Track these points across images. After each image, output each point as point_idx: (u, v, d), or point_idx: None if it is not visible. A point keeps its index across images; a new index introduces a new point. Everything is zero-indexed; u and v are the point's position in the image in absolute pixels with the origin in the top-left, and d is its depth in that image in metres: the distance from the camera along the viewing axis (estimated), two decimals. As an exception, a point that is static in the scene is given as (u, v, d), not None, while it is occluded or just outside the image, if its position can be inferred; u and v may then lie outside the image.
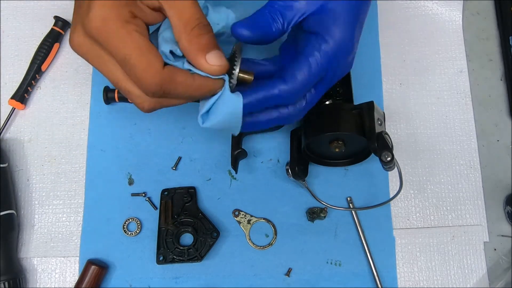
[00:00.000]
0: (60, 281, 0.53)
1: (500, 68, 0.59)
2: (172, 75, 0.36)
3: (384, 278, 0.52)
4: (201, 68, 0.37)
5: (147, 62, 0.35)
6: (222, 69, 0.38)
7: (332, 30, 0.40)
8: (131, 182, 0.55)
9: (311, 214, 0.53)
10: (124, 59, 0.34)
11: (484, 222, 0.54)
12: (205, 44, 0.37)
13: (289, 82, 0.40)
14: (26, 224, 0.54)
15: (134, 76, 0.35)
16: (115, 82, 0.37)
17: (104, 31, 0.34)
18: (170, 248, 0.51)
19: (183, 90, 0.37)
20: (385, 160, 0.43)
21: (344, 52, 0.41)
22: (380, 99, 0.57)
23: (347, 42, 0.41)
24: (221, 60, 0.37)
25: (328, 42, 0.40)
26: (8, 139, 0.57)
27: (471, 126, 0.57)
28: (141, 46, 0.35)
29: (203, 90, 0.38)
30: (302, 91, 0.41)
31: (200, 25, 0.37)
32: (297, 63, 0.41)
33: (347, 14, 0.40)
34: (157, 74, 0.35)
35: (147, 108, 0.39)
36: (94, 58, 0.37)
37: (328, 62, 0.41)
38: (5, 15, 0.61)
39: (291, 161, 0.52)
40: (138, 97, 0.38)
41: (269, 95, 0.40)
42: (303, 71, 0.40)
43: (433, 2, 0.61)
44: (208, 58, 0.37)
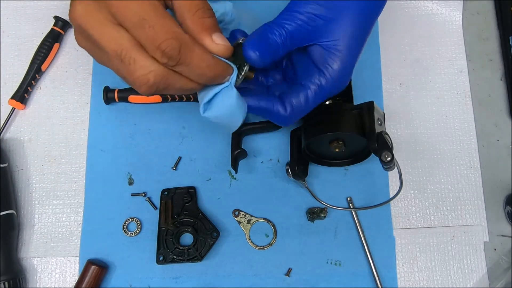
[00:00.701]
0: (60, 281, 0.53)
1: (500, 68, 0.59)
2: (191, 42, 0.35)
3: (384, 278, 0.52)
4: (206, 47, 0.37)
5: (168, 23, 0.34)
6: (227, 49, 0.38)
7: (333, 67, 0.42)
8: (131, 182, 0.55)
9: (311, 214, 0.53)
10: (142, 20, 0.33)
11: (484, 222, 0.54)
12: (210, 25, 0.37)
13: (287, 107, 0.43)
14: (26, 224, 0.54)
15: (150, 39, 0.33)
16: (119, 51, 0.35)
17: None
18: (170, 248, 0.51)
19: (198, 62, 0.36)
20: (385, 160, 0.43)
21: (339, 87, 0.44)
22: (380, 99, 0.57)
23: (345, 78, 0.43)
24: (225, 41, 0.38)
25: (327, 78, 0.42)
26: (8, 139, 0.57)
27: (471, 126, 0.57)
28: (160, 9, 0.34)
29: (216, 70, 0.37)
30: (297, 118, 0.44)
31: (204, 8, 0.37)
32: (296, 93, 0.43)
33: (351, 52, 0.42)
34: (179, 36, 0.34)
35: (153, 80, 0.35)
36: (97, 26, 0.35)
37: (324, 94, 0.43)
38: (5, 15, 0.61)
39: (291, 161, 0.52)
40: (144, 67, 0.35)
41: (270, 111, 0.44)
42: (301, 101, 0.43)
43: (433, 2, 0.61)
44: (214, 37, 0.37)
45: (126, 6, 0.33)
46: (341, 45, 0.41)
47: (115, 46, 0.35)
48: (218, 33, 0.38)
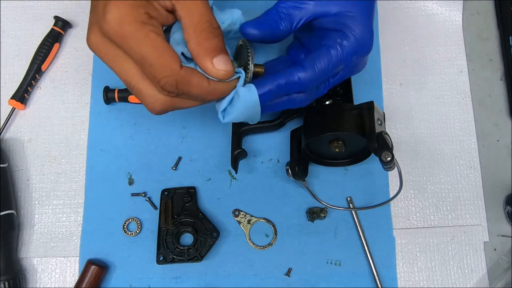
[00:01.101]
0: (60, 281, 0.53)
1: (500, 68, 0.59)
2: (188, 76, 0.37)
3: (384, 278, 0.52)
4: (207, 72, 0.38)
5: (164, 62, 0.35)
6: (227, 74, 0.38)
7: (353, 28, 0.41)
8: (131, 182, 0.55)
9: (311, 214, 0.53)
10: (142, 59, 0.35)
11: (484, 222, 0.54)
12: (213, 47, 0.37)
13: (308, 69, 0.41)
14: (26, 224, 0.54)
15: (151, 75, 0.36)
16: (128, 82, 0.38)
17: (121, 33, 0.35)
18: (170, 248, 0.51)
19: (198, 92, 0.38)
20: (385, 160, 0.43)
21: (364, 49, 0.43)
22: (380, 99, 0.57)
23: (367, 41, 0.42)
24: (227, 65, 0.38)
25: (349, 38, 0.41)
26: (8, 139, 0.57)
27: (471, 126, 0.57)
28: (158, 46, 0.35)
29: (216, 94, 0.39)
30: (319, 79, 0.42)
31: (210, 28, 0.37)
32: (318, 53, 0.42)
33: (363, 16, 0.42)
34: (174, 74, 0.36)
35: (159, 109, 0.39)
36: (110, 58, 0.37)
37: (348, 56, 0.42)
38: (5, 15, 0.61)
39: (291, 161, 0.52)
40: (150, 97, 0.38)
41: (290, 82, 0.41)
42: (324, 61, 0.41)
43: (433, 2, 0.61)
44: (214, 62, 0.38)
45: (128, 45, 0.35)
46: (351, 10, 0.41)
47: (125, 77, 0.38)
48: (220, 56, 0.38)
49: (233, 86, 0.40)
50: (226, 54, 0.38)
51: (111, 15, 0.34)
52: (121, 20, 0.34)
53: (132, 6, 0.35)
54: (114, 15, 0.34)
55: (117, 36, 0.35)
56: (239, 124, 0.54)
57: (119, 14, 0.34)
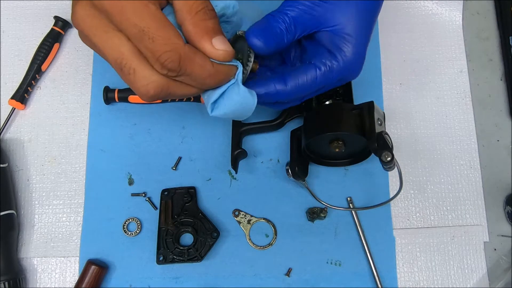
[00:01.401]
0: (60, 281, 0.53)
1: (500, 68, 0.59)
2: (192, 53, 0.35)
3: (384, 278, 0.52)
4: (206, 53, 0.36)
5: (168, 35, 0.33)
6: (227, 54, 0.36)
7: (345, 52, 0.40)
8: (131, 182, 0.55)
9: (311, 214, 0.53)
10: (141, 32, 0.32)
11: (484, 222, 0.54)
12: (210, 28, 0.35)
13: (289, 85, 0.41)
14: (26, 224, 0.54)
15: (150, 51, 0.33)
16: (119, 60, 0.34)
17: (119, 2, 0.32)
18: (170, 248, 0.51)
19: (200, 72, 0.35)
20: (385, 160, 0.43)
21: (350, 75, 0.42)
22: (380, 99, 0.57)
23: (356, 68, 0.42)
24: (226, 45, 0.36)
25: (339, 62, 0.41)
26: (8, 139, 0.57)
27: (471, 126, 0.57)
28: (160, 19, 0.33)
29: (218, 77, 0.37)
30: (299, 95, 0.42)
31: (205, 9, 0.35)
32: (304, 70, 0.41)
33: (361, 35, 0.41)
34: (177, 49, 0.33)
35: (153, 92, 0.35)
36: (99, 33, 0.34)
37: (333, 79, 0.42)
38: (5, 15, 0.61)
39: (291, 161, 0.52)
40: (144, 78, 0.34)
41: (268, 93, 0.41)
42: (307, 79, 0.41)
43: (433, 2, 0.61)
44: (214, 42, 0.35)
45: (125, 17, 0.32)
46: (350, 29, 0.40)
47: (116, 55, 0.34)
48: (218, 37, 0.36)
49: (234, 71, 0.38)
50: (223, 35, 0.36)
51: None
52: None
53: None
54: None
55: (113, 6, 0.32)
56: (239, 124, 0.54)
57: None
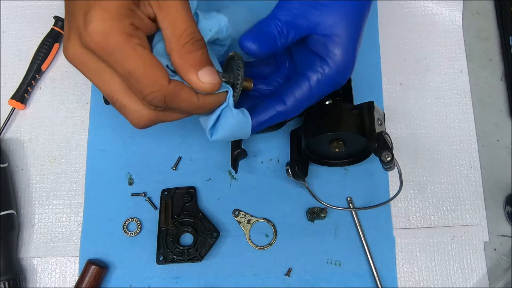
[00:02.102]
0: (60, 281, 0.53)
1: (500, 68, 0.59)
2: (177, 90, 0.36)
3: (384, 278, 0.52)
4: (192, 86, 0.36)
5: (152, 77, 0.34)
6: (214, 87, 0.37)
7: (336, 55, 0.41)
8: (131, 182, 0.55)
9: (311, 214, 0.53)
10: (128, 74, 0.33)
11: (484, 222, 0.54)
12: (197, 60, 0.36)
13: (288, 102, 0.42)
14: (26, 224, 0.54)
15: (137, 90, 0.34)
16: (110, 96, 0.36)
17: (106, 46, 0.32)
18: (170, 248, 0.51)
19: (186, 106, 0.37)
20: (385, 160, 0.43)
21: (344, 74, 0.42)
22: (380, 99, 0.57)
23: (348, 65, 0.42)
24: (213, 77, 0.36)
25: (331, 67, 0.41)
26: (8, 139, 0.57)
27: (471, 126, 0.57)
28: (146, 60, 0.34)
29: (205, 108, 0.38)
30: (301, 109, 0.43)
31: (193, 40, 0.36)
32: (298, 83, 0.42)
33: (350, 37, 0.41)
34: (162, 89, 0.34)
35: (143, 124, 0.37)
36: (89, 71, 0.36)
37: (327, 85, 0.42)
38: (5, 15, 0.61)
39: (291, 161, 0.52)
40: (134, 112, 0.36)
41: (271, 117, 0.42)
42: (303, 92, 0.42)
43: (433, 2, 0.61)
44: (200, 75, 0.36)
45: (112, 59, 0.33)
46: (340, 32, 0.40)
47: (107, 91, 0.36)
48: (205, 69, 0.36)
49: (222, 99, 0.39)
50: (211, 65, 0.37)
51: (94, 26, 0.32)
52: (106, 32, 0.32)
53: (117, 17, 0.32)
54: (98, 26, 0.32)
55: (100, 49, 0.33)
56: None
57: (103, 26, 0.32)
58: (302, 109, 0.43)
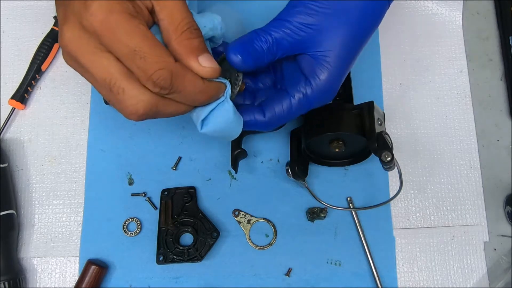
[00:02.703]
0: (60, 281, 0.53)
1: (500, 68, 0.59)
2: (183, 70, 0.35)
3: (384, 278, 0.52)
4: (193, 70, 0.36)
5: (159, 54, 0.34)
6: (214, 71, 0.37)
7: (321, 78, 0.41)
8: (131, 182, 0.55)
9: (311, 214, 0.53)
10: (132, 52, 0.33)
11: (484, 222, 0.54)
12: (196, 47, 0.36)
13: (267, 115, 0.42)
14: (26, 224, 0.54)
15: (141, 70, 0.33)
16: (108, 80, 0.34)
17: (110, 23, 0.32)
18: (170, 248, 0.51)
19: (191, 89, 0.36)
20: (385, 160, 0.43)
21: (324, 99, 0.42)
22: (380, 99, 0.57)
23: (330, 91, 0.42)
24: (212, 63, 0.37)
25: (313, 88, 0.41)
26: (8, 139, 0.57)
27: (471, 126, 0.57)
28: (151, 38, 0.34)
29: (209, 93, 0.38)
30: (279, 123, 0.43)
31: (191, 28, 0.36)
32: (279, 100, 0.42)
33: (340, 65, 0.41)
34: (169, 66, 0.34)
35: (142, 111, 0.35)
36: (86, 55, 0.34)
37: (308, 105, 0.42)
38: (5, 15, 0.61)
39: (291, 161, 0.52)
40: (134, 96, 0.35)
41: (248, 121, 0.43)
42: (283, 108, 0.42)
43: (433, 2, 0.61)
44: (200, 60, 0.36)
45: (116, 37, 0.33)
46: (331, 57, 0.40)
47: (105, 75, 0.34)
48: (205, 55, 0.37)
49: (223, 89, 0.39)
50: (209, 53, 0.37)
51: (96, 5, 0.32)
52: (109, 10, 0.32)
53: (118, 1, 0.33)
54: (101, 5, 0.32)
55: (103, 27, 0.32)
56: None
57: (106, 4, 0.32)
58: (280, 123, 0.43)
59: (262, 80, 0.48)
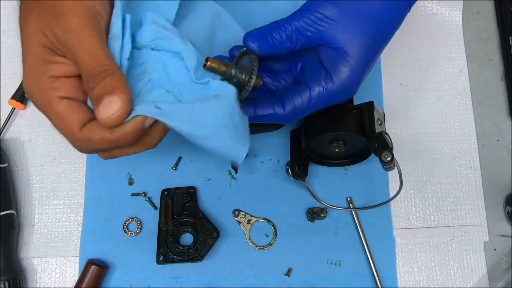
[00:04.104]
0: (60, 281, 0.53)
1: (500, 68, 0.59)
2: (88, 136, 0.34)
3: (384, 278, 0.52)
4: (101, 123, 0.34)
5: (63, 130, 0.35)
6: (117, 118, 0.33)
7: (342, 73, 0.41)
8: (131, 182, 0.55)
9: (311, 214, 0.53)
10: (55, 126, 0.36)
11: (484, 222, 0.54)
12: (98, 94, 0.33)
13: (287, 108, 0.42)
14: (26, 224, 0.54)
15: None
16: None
17: (33, 99, 0.36)
18: (170, 248, 0.51)
19: (107, 146, 0.35)
20: (385, 160, 0.43)
21: (345, 94, 0.42)
22: (380, 99, 0.57)
23: (352, 87, 0.42)
24: (111, 108, 0.33)
25: (334, 83, 0.41)
26: (8, 139, 0.57)
27: (471, 126, 0.57)
28: (59, 113, 0.35)
29: (124, 140, 0.35)
30: (297, 117, 0.43)
31: (94, 71, 0.33)
32: (299, 92, 0.42)
33: (361, 60, 0.41)
34: (75, 140, 0.35)
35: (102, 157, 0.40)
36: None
37: (327, 99, 0.42)
38: (5, 15, 0.61)
39: (291, 161, 0.52)
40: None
41: (268, 115, 0.42)
42: (302, 101, 0.42)
43: (433, 2, 0.61)
44: (100, 110, 0.33)
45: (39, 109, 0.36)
46: (352, 51, 0.40)
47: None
48: (104, 101, 0.33)
49: (139, 125, 0.35)
50: (116, 93, 0.33)
51: (24, 85, 0.36)
52: (29, 91, 0.35)
53: (35, 77, 0.35)
54: (25, 87, 0.36)
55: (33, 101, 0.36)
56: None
57: (26, 87, 0.35)
58: (299, 117, 0.43)
59: (284, 78, 0.47)
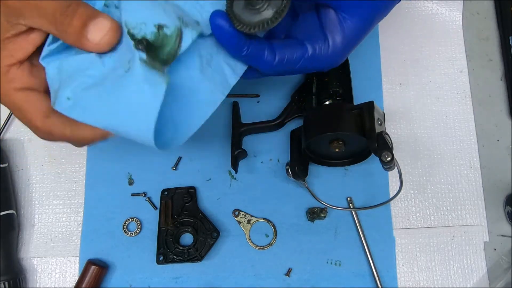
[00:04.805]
0: (60, 281, 0.53)
1: (500, 68, 0.59)
2: (49, 129, 0.35)
3: (384, 278, 0.52)
4: (90, 50, 0.32)
5: (26, 121, 0.35)
6: (111, 39, 0.32)
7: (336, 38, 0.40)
8: (131, 182, 0.55)
9: (311, 214, 0.53)
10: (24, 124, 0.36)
11: (484, 222, 0.54)
12: (80, 23, 0.31)
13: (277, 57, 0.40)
14: (26, 224, 0.54)
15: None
16: None
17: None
18: (170, 248, 0.51)
19: (66, 140, 0.36)
20: (385, 160, 0.43)
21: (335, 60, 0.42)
22: (380, 99, 0.57)
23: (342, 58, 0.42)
24: (102, 30, 0.32)
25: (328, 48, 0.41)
26: (8, 139, 0.57)
27: (471, 126, 0.57)
28: (17, 106, 0.35)
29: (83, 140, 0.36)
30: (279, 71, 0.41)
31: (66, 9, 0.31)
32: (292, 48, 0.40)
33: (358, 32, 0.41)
34: (36, 131, 0.36)
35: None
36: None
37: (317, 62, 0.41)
38: None
39: (291, 161, 0.52)
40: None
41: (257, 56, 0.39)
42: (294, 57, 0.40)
43: (433, 2, 0.61)
44: (88, 36, 0.31)
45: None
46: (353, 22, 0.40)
47: None
48: (90, 25, 0.31)
49: (99, 133, 0.35)
50: (98, 17, 0.32)
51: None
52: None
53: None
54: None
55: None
56: (239, 124, 0.54)
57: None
58: (281, 72, 0.41)
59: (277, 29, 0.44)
